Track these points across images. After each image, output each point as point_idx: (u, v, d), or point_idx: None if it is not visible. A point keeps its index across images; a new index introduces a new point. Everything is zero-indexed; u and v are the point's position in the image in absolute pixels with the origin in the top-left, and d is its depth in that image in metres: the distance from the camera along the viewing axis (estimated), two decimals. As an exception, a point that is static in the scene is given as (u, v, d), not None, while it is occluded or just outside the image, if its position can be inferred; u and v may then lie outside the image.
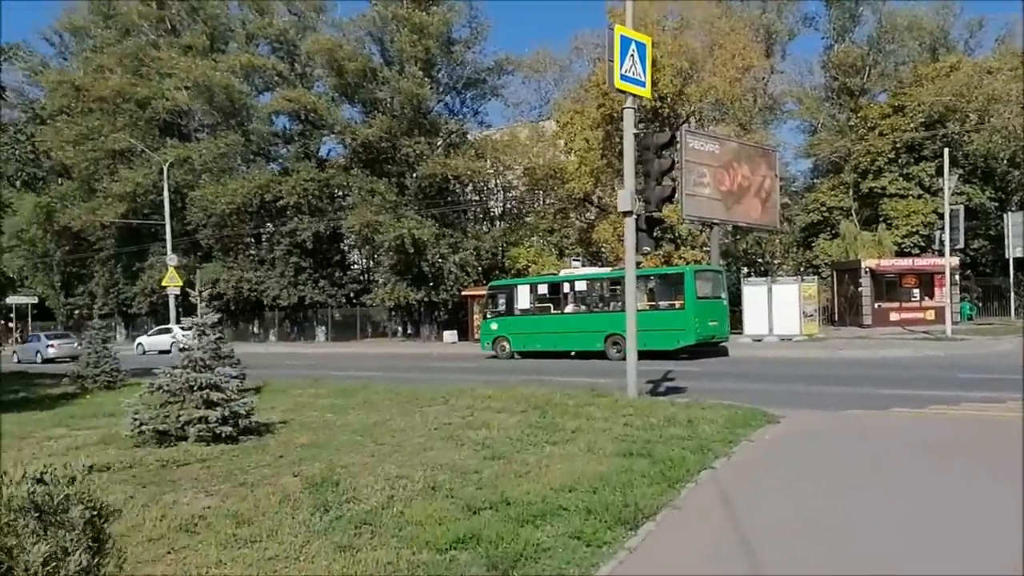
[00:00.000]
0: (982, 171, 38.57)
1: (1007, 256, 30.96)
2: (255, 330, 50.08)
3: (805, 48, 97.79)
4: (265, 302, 45.35)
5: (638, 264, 32.42)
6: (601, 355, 24.17)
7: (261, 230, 46.46)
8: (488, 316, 28.74)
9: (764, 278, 32.69)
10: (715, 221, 30.31)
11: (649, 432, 8.53)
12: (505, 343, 27.54)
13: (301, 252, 43.82)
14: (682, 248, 35.77)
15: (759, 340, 27.74)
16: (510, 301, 27.89)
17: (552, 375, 19.11)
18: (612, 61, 11.05)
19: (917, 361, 20.94)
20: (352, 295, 46.64)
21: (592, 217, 41.24)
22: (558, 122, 40.60)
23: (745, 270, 43.64)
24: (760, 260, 45.29)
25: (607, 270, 27.52)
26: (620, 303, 25.26)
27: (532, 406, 10.76)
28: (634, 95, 11.61)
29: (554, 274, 29.91)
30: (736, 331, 28.29)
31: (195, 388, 9.66)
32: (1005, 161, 36.95)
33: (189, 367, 9.86)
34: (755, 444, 8.08)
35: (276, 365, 26.81)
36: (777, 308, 28.06)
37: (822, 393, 14.11)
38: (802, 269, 42.26)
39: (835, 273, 38.32)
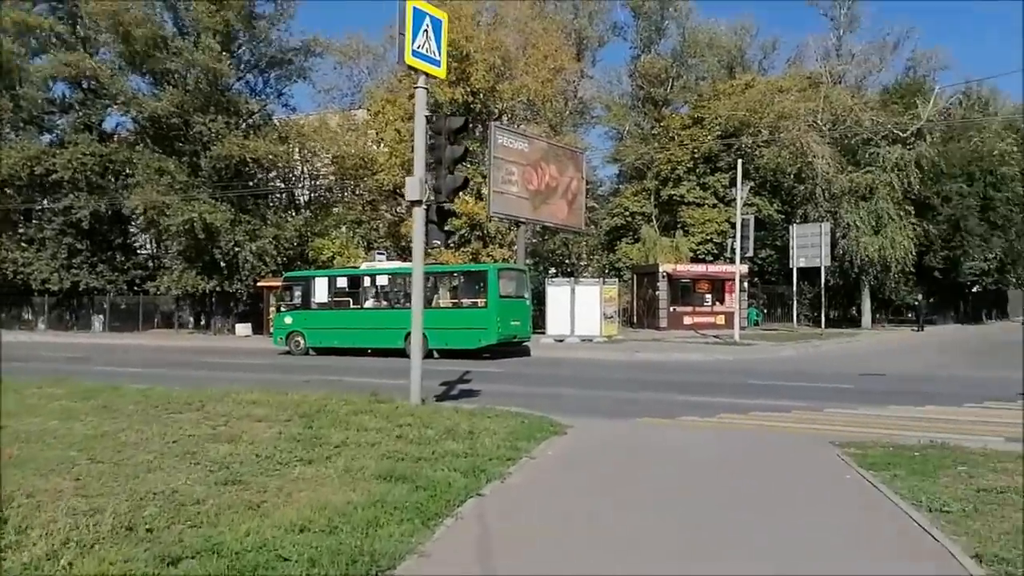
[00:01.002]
0: (771, 184, 41.11)
1: (791, 265, 33.00)
2: (27, 316, 44.75)
3: (615, 56, 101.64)
4: (33, 286, 40.49)
5: (443, 260, 32.07)
6: (401, 353, 23.03)
7: (32, 206, 41.41)
8: (282, 309, 26.90)
9: (568, 279, 32.97)
10: (522, 220, 30.11)
11: (422, 448, 7.54)
12: (299, 338, 25.86)
13: (77, 232, 39.46)
14: (491, 246, 35.46)
15: (561, 340, 27.77)
16: (306, 294, 26.23)
17: (343, 375, 17.91)
18: (403, 35, 9.99)
19: (709, 365, 21.53)
20: (137, 281, 42.63)
21: (402, 210, 40.04)
22: (369, 111, 39.21)
23: (553, 270, 44.15)
24: (567, 261, 46.00)
25: (410, 264, 26.45)
26: (423, 300, 24.37)
27: (299, 414, 9.47)
28: (427, 74, 10.61)
29: (355, 267, 28.53)
30: (540, 331, 28.23)
31: None
32: (792, 176, 39.52)
33: None
34: (536, 461, 7.28)
35: (31, 357, 23.65)
36: (579, 309, 28.26)
37: (616, 398, 13.84)
38: (606, 271, 43.31)
39: (635, 276, 39.52)
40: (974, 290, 52.43)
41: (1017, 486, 6.09)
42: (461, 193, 35.06)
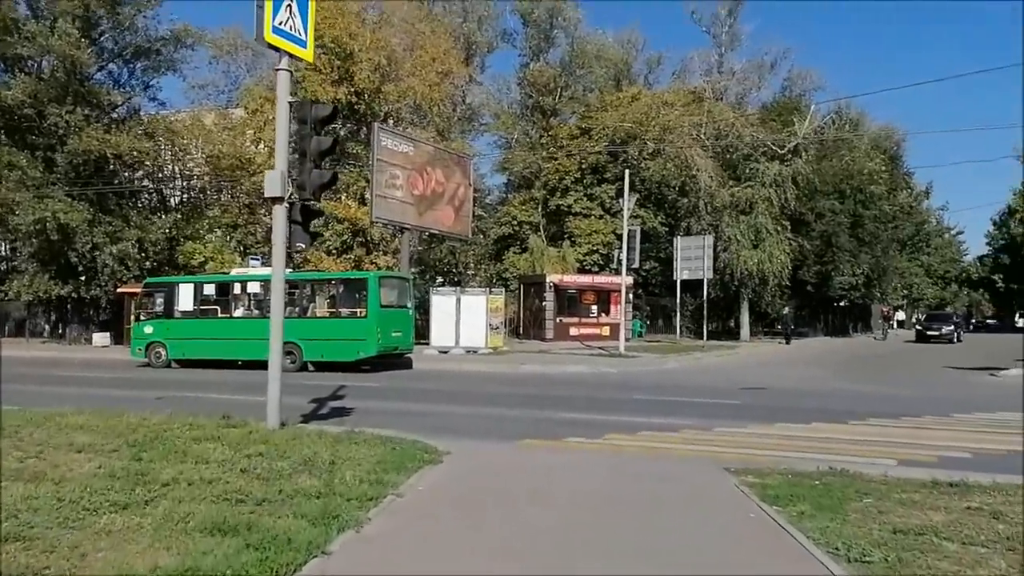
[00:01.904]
0: (656, 197, 41.44)
1: (675, 278, 33.19)
2: None
3: (504, 64, 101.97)
4: None
5: (324, 267, 30.55)
6: (273, 366, 21.54)
7: None
8: (142, 318, 24.79)
9: (454, 288, 32.07)
10: (406, 226, 28.99)
11: (269, 486, 6.40)
12: (161, 350, 23.89)
13: (-85, 232, 35.60)
14: (374, 253, 34.16)
15: (445, 352, 26.80)
16: (169, 301, 24.26)
17: (204, 391, 16.38)
18: (262, 8, 8.83)
19: (594, 378, 21.07)
20: (-13, 286, 38.85)
21: (281, 214, 38.01)
22: (247, 109, 37.20)
23: (439, 279, 43.15)
24: (453, 270, 45.08)
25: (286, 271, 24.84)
26: (297, 308, 22.95)
27: (130, 442, 8.13)
28: (291, 55, 9.45)
29: (224, 273, 26.71)
30: (423, 342, 27.20)
31: None
32: (676, 189, 39.92)
33: None
34: (403, 501, 6.25)
35: None
36: (465, 319, 27.37)
37: (500, 416, 12.99)
38: (493, 281, 42.65)
39: (522, 286, 38.99)
40: (842, 304, 54.85)
41: (933, 525, 5.56)
42: (343, 197, 34.22)
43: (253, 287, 23.56)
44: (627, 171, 29.97)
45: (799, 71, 47.44)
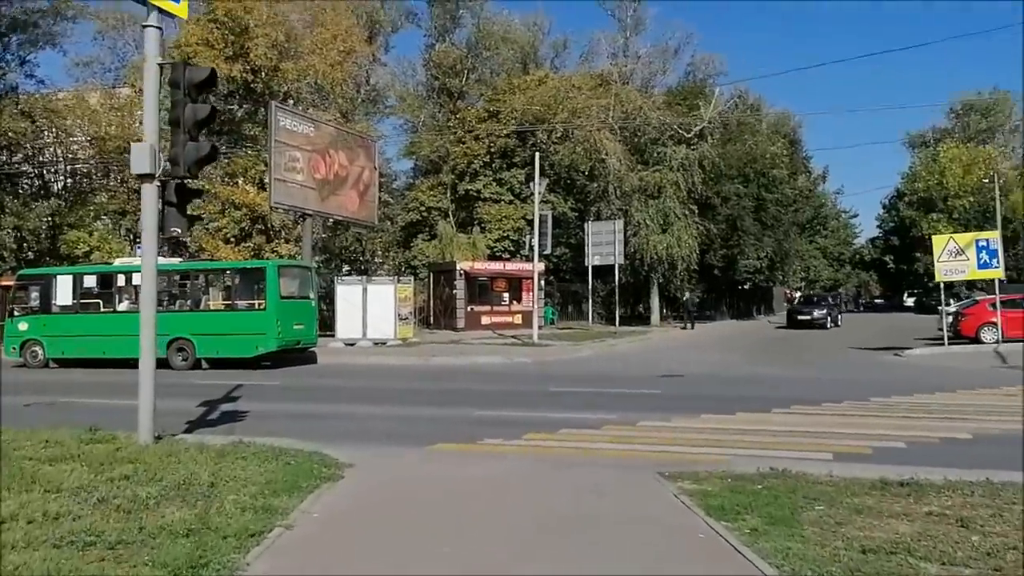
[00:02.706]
0: (565, 182, 40.95)
1: (587, 263, 32.78)
2: None
3: (408, 45, 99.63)
4: None
5: (221, 256, 28.80)
6: (165, 364, 19.88)
7: None
8: (16, 314, 22.62)
9: (360, 277, 30.76)
10: (308, 211, 27.51)
11: (130, 520, 5.27)
12: (37, 348, 21.87)
13: None
14: (275, 241, 32.48)
15: (352, 344, 25.53)
16: (46, 295, 22.18)
17: (83, 395, 14.96)
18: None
19: (508, 369, 20.36)
20: None
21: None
22: (134, 87, 34.80)
23: (346, 268, 41.62)
24: (360, 258, 43.57)
25: (176, 261, 23.14)
26: (189, 301, 21.44)
27: (-32, 467, 6.85)
28: (160, 9, 8.17)
29: (108, 263, 24.75)
30: (329, 334, 25.90)
31: None
32: (585, 173, 39.50)
33: None
34: (293, 534, 5.24)
35: None
36: (372, 310, 26.11)
37: (409, 416, 12.08)
38: (402, 269, 41.40)
39: (432, 274, 37.92)
40: (746, 287, 55.90)
41: (901, 539, 4.97)
42: (241, 182, 32.31)
43: (139, 279, 21.75)
44: (537, 155, 29.25)
45: (702, 56, 47.73)
